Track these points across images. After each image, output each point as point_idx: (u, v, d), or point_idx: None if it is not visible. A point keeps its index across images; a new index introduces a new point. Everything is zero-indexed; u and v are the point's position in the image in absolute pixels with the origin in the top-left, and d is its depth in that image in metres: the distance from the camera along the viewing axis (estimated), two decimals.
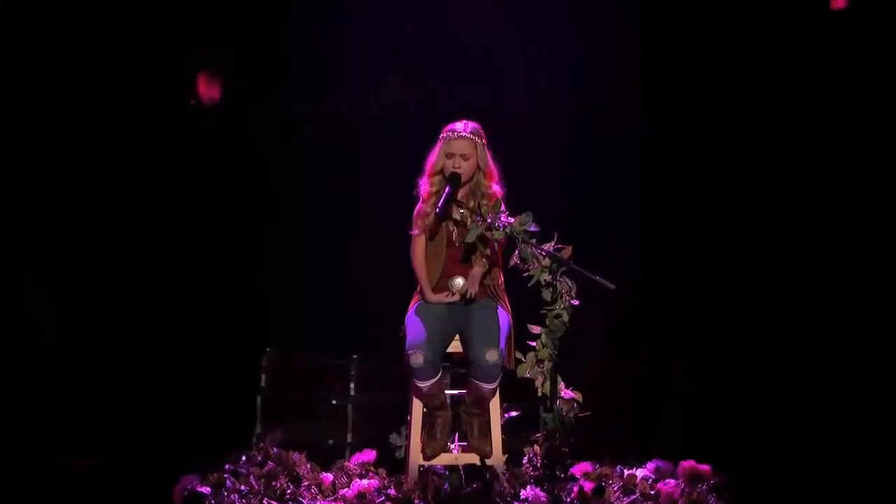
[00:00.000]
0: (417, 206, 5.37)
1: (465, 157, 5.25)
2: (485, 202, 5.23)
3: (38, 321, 6.62)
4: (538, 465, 5.25)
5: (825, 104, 6.69)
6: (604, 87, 6.76)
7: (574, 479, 5.23)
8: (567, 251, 5.05)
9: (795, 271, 6.77)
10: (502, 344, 5.16)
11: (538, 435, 5.23)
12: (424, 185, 5.35)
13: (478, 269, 5.26)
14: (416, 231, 5.35)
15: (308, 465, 5.38)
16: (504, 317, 5.27)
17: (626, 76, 6.78)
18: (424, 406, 5.30)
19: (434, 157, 5.32)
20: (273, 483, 5.17)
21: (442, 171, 5.31)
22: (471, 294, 5.25)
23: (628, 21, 6.78)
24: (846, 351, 6.56)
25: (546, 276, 5.05)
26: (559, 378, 5.10)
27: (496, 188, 5.30)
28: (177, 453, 5.90)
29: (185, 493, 5.08)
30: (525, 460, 5.39)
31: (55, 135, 6.71)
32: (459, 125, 5.29)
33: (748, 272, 6.83)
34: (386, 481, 5.27)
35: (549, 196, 5.96)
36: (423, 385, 5.21)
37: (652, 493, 5.16)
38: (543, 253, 5.04)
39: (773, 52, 6.72)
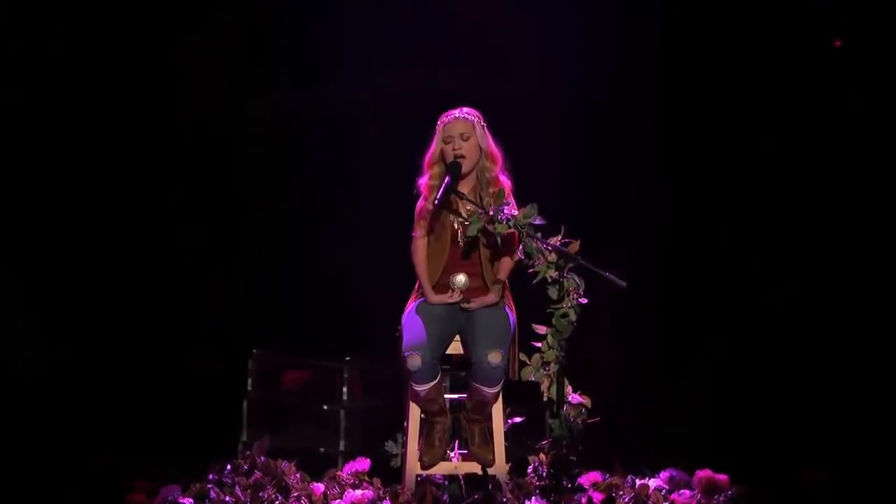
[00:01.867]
0: (418, 204, 5.27)
1: (464, 138, 5.18)
2: (491, 190, 5.15)
3: (22, 322, 6.57)
4: (544, 474, 5.20)
5: (825, 104, 6.70)
6: (607, 83, 6.79)
7: (582, 489, 5.16)
8: (575, 246, 4.99)
9: (806, 270, 6.72)
10: (506, 345, 5.06)
11: (544, 442, 5.24)
12: (424, 180, 5.25)
13: (492, 297, 5.16)
14: (417, 233, 5.26)
15: (297, 475, 5.33)
16: (509, 317, 5.16)
17: (630, 73, 6.80)
18: (422, 411, 5.19)
19: (432, 148, 5.25)
20: (260, 494, 5.10)
21: (443, 159, 5.22)
22: (468, 308, 5.15)
23: (633, 17, 6.83)
24: (860, 350, 6.50)
25: (552, 273, 4.97)
26: (566, 381, 5.04)
27: (503, 177, 5.22)
28: (158, 461, 5.84)
29: None
30: (530, 469, 5.35)
31: (37, 132, 6.70)
32: (454, 111, 5.24)
33: (757, 271, 6.78)
34: (381, 492, 5.22)
35: (552, 191, 5.89)
36: (421, 389, 5.10)
37: None
38: (549, 248, 4.97)
39: (774, 52, 6.74)
